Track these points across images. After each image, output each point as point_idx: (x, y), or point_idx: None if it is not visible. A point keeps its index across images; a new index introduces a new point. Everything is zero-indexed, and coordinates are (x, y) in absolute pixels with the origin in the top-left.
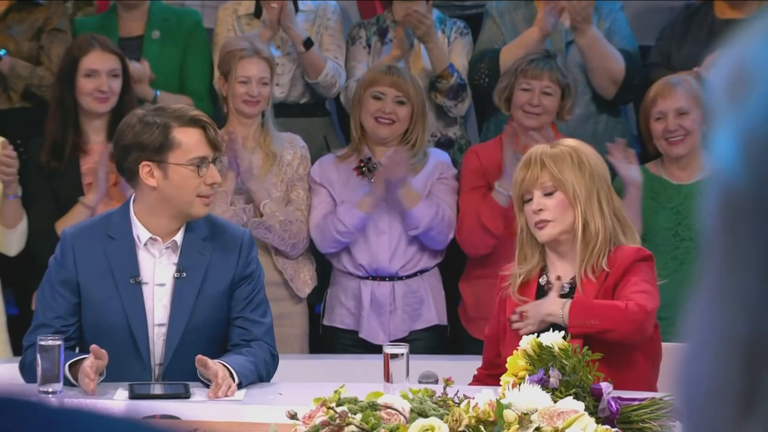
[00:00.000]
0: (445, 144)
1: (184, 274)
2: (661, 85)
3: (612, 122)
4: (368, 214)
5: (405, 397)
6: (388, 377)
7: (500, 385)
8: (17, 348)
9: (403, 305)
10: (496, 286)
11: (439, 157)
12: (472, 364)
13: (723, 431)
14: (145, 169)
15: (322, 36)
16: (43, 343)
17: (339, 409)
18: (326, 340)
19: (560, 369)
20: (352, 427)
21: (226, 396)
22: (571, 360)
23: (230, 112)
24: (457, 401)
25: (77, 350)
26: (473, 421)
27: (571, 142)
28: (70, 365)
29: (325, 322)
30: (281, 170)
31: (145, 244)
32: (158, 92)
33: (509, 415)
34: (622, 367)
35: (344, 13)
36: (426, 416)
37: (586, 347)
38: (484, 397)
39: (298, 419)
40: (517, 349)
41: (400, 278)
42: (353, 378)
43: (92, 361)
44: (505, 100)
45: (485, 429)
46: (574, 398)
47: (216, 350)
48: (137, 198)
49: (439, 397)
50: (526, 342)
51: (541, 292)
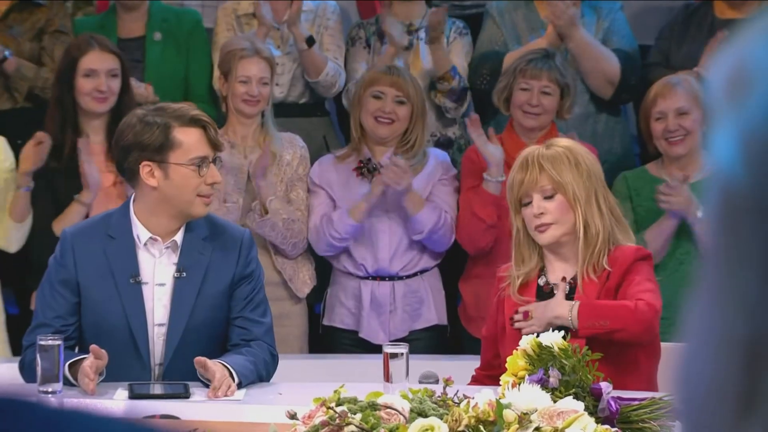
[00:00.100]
0: (444, 144)
1: (184, 273)
2: (662, 85)
3: (612, 122)
4: (360, 222)
5: (405, 397)
6: (387, 377)
7: (499, 386)
8: (17, 348)
9: (403, 305)
10: (493, 286)
11: (439, 158)
12: (472, 364)
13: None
14: (145, 169)
15: (321, 36)
16: (42, 342)
17: (339, 409)
18: (326, 339)
19: (560, 369)
20: (351, 427)
21: (225, 396)
22: (570, 360)
23: (230, 112)
24: (456, 401)
25: (77, 350)
26: (473, 421)
27: (564, 141)
28: (69, 365)
29: (325, 321)
30: (281, 170)
31: (145, 244)
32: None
33: (509, 414)
34: (621, 367)
35: (344, 13)
36: (426, 416)
37: (586, 347)
38: (483, 397)
39: (297, 419)
40: (516, 349)
41: (400, 278)
42: (353, 378)
43: (92, 361)
44: (505, 101)
45: (485, 429)
46: (573, 398)
47: (216, 350)
48: (137, 198)
49: (439, 396)
50: (526, 342)
51: (541, 293)
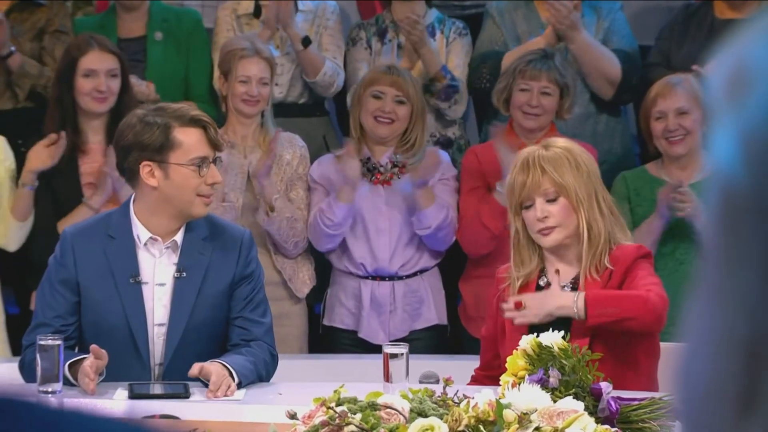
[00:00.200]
0: (444, 144)
1: (184, 273)
2: (662, 84)
3: (612, 122)
4: (350, 203)
5: (405, 396)
6: (387, 377)
7: (499, 386)
8: (17, 348)
9: (403, 305)
10: (493, 286)
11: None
12: (472, 364)
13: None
14: (145, 169)
15: (321, 36)
16: (42, 342)
17: (338, 409)
18: (326, 339)
19: (560, 369)
20: (351, 427)
21: (225, 395)
22: (570, 360)
23: (230, 112)
24: (456, 401)
25: (77, 350)
26: (473, 420)
27: (562, 142)
28: (69, 365)
29: (325, 321)
30: (281, 170)
31: (145, 244)
32: None
33: (509, 414)
34: (621, 367)
35: (343, 13)
36: (426, 416)
37: (586, 347)
38: (483, 396)
39: (297, 419)
40: (516, 349)
41: (400, 278)
42: (353, 378)
43: (92, 361)
44: (504, 101)
45: (485, 429)
46: (573, 398)
47: (216, 350)
48: (137, 198)
49: (439, 396)
50: (526, 342)
51: None
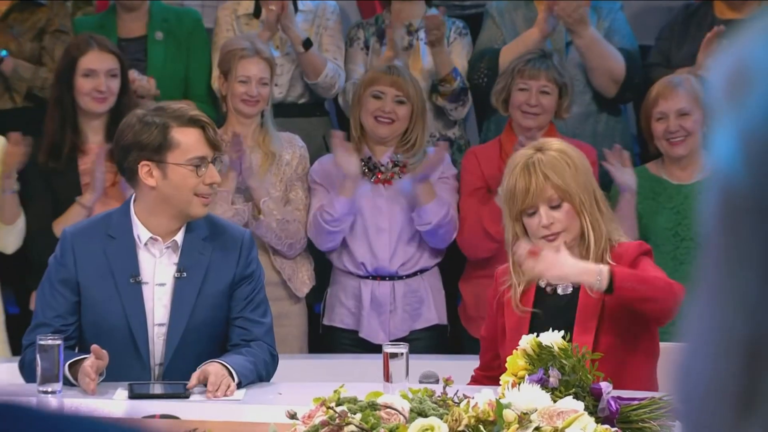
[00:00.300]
0: None
1: (185, 273)
2: (663, 85)
3: (612, 121)
4: (351, 197)
5: (405, 396)
6: (387, 377)
7: (499, 386)
8: (17, 348)
9: (403, 305)
10: (491, 284)
11: None
12: (472, 364)
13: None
14: (144, 168)
15: (321, 36)
16: (42, 342)
17: (338, 409)
18: (326, 339)
19: (560, 368)
20: (351, 427)
21: (225, 395)
22: (570, 360)
23: (229, 112)
24: (456, 401)
25: (77, 350)
26: (473, 420)
27: (556, 144)
28: (69, 365)
29: (325, 321)
30: (280, 170)
31: (146, 244)
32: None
33: (509, 414)
34: (621, 367)
35: (343, 13)
36: (426, 416)
37: (585, 347)
38: (483, 396)
39: (297, 419)
40: (516, 350)
41: (400, 278)
42: (353, 378)
43: (93, 361)
44: (503, 101)
45: (485, 429)
46: (573, 398)
47: (216, 350)
48: (137, 198)
49: (439, 396)
50: (526, 342)
51: (541, 295)
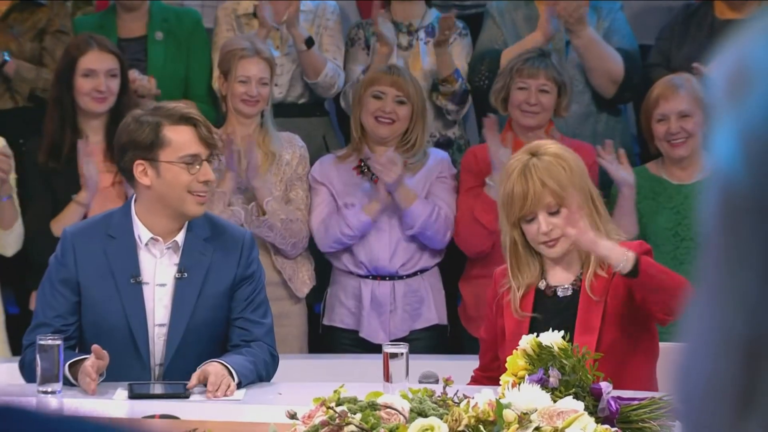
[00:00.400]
0: (444, 144)
1: (185, 274)
2: (664, 86)
3: (612, 121)
4: (374, 219)
5: (404, 396)
6: (387, 377)
7: (498, 386)
8: (17, 348)
9: (403, 305)
10: (491, 285)
11: (439, 156)
12: (472, 364)
13: (721, 430)
14: (139, 167)
15: (321, 36)
16: (42, 342)
17: (338, 409)
18: (326, 339)
19: (560, 368)
20: (351, 427)
21: (225, 395)
22: (570, 360)
23: (229, 112)
24: (456, 401)
25: (77, 350)
26: (473, 420)
27: (552, 148)
28: (69, 365)
29: (325, 321)
30: (280, 170)
31: (146, 244)
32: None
33: (509, 414)
34: (621, 367)
35: (343, 13)
36: (425, 416)
37: (586, 347)
38: (483, 396)
39: (297, 419)
40: (516, 350)
41: (400, 277)
42: (353, 378)
43: (94, 361)
44: (502, 101)
45: (485, 429)
46: (573, 398)
47: (216, 350)
48: (137, 198)
49: (439, 396)
50: (526, 342)
51: (540, 296)
